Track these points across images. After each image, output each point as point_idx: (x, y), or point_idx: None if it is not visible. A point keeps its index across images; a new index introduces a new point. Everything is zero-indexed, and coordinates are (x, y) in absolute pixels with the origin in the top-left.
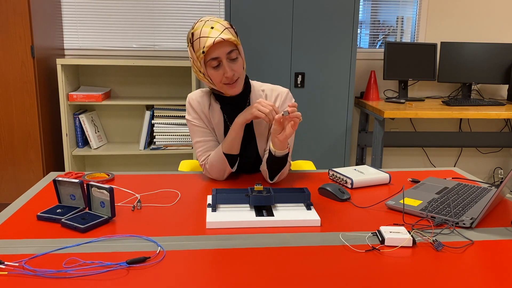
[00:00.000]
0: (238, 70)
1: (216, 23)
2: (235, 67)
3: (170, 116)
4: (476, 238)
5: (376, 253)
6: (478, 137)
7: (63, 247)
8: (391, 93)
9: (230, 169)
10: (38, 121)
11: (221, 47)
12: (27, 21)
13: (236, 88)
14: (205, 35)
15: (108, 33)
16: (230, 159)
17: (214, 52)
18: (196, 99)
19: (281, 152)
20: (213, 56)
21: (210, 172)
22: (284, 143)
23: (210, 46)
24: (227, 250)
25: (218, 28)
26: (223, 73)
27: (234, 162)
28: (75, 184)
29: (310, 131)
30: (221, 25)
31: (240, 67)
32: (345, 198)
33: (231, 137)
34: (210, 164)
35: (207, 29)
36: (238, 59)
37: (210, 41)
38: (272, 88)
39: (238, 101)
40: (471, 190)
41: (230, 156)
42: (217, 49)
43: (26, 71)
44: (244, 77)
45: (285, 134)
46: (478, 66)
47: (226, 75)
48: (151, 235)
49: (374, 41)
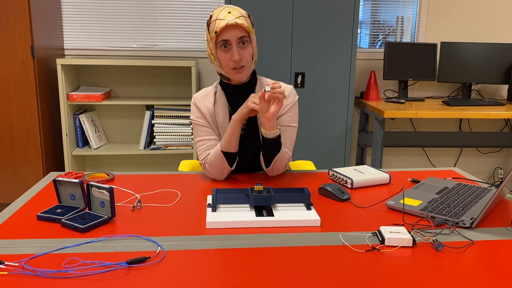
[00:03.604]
0: (246, 58)
1: (234, 9)
2: (243, 53)
3: (170, 116)
4: (476, 238)
5: (376, 253)
6: (478, 137)
7: (63, 247)
8: (391, 93)
9: (229, 168)
10: (38, 121)
11: (233, 30)
12: (27, 21)
13: (242, 74)
14: (221, 17)
15: (108, 33)
16: (228, 157)
17: (225, 34)
18: (200, 98)
19: (272, 133)
20: (225, 37)
21: (210, 171)
22: (272, 122)
23: (223, 28)
24: (227, 250)
25: (235, 14)
26: (231, 56)
27: (232, 160)
28: (75, 184)
29: (310, 131)
30: (238, 12)
31: (248, 55)
32: (345, 198)
33: (229, 135)
34: (209, 163)
35: (224, 13)
36: (248, 47)
37: (223, 23)
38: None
39: (244, 91)
40: (471, 190)
41: (228, 154)
42: (229, 32)
43: (26, 71)
44: (252, 66)
45: (271, 111)
46: (478, 66)
47: (233, 58)
48: (151, 235)
49: (374, 41)
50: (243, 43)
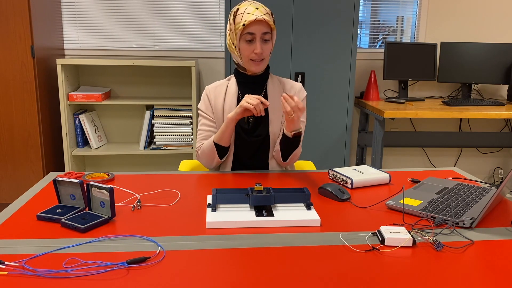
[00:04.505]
0: (266, 52)
1: (261, 6)
2: (264, 48)
3: (170, 116)
4: (476, 238)
5: (376, 253)
6: (478, 137)
7: (63, 247)
8: (391, 93)
9: (218, 159)
10: (38, 121)
11: (260, 25)
12: (27, 21)
13: (260, 66)
14: (249, 12)
15: (108, 33)
16: (219, 149)
17: (252, 27)
18: (211, 88)
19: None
20: (251, 31)
21: (201, 158)
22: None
23: (252, 21)
24: (227, 250)
25: (262, 10)
26: (253, 49)
27: (223, 153)
28: (75, 184)
29: (310, 131)
30: (264, 9)
31: (268, 50)
32: (345, 198)
33: (222, 130)
34: (202, 151)
35: (252, 8)
36: (269, 42)
37: (252, 17)
38: (287, 80)
39: (256, 82)
40: (471, 190)
41: (219, 146)
42: (256, 26)
43: (26, 71)
44: (268, 61)
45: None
46: (478, 66)
47: (256, 51)
48: (151, 235)
49: (374, 41)
50: (265, 39)
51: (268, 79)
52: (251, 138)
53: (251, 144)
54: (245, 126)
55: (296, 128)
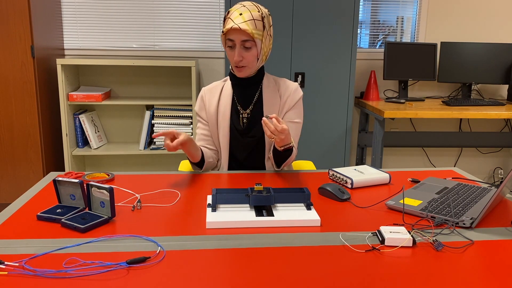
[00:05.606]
0: (248, 59)
1: (247, 12)
2: (245, 55)
3: (170, 116)
4: (476, 238)
5: (376, 253)
6: (478, 137)
7: (63, 247)
8: (391, 93)
9: (198, 168)
10: (38, 121)
11: (237, 33)
12: (27, 21)
13: (241, 72)
14: (232, 17)
15: (108, 33)
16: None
17: (232, 35)
18: (207, 90)
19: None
20: (230, 37)
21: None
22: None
23: (228, 30)
24: (227, 250)
25: (245, 17)
26: (233, 55)
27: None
28: (75, 184)
29: (310, 131)
30: (249, 15)
31: (250, 57)
32: (345, 198)
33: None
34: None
35: (236, 14)
36: (251, 49)
37: (229, 25)
38: (283, 80)
39: (248, 84)
40: (471, 190)
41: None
42: (234, 34)
43: (26, 71)
44: (256, 66)
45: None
46: (478, 66)
47: (234, 59)
48: (151, 235)
49: (374, 41)
50: (246, 46)
51: (263, 79)
52: (246, 139)
53: (246, 144)
54: (239, 127)
55: (284, 144)
